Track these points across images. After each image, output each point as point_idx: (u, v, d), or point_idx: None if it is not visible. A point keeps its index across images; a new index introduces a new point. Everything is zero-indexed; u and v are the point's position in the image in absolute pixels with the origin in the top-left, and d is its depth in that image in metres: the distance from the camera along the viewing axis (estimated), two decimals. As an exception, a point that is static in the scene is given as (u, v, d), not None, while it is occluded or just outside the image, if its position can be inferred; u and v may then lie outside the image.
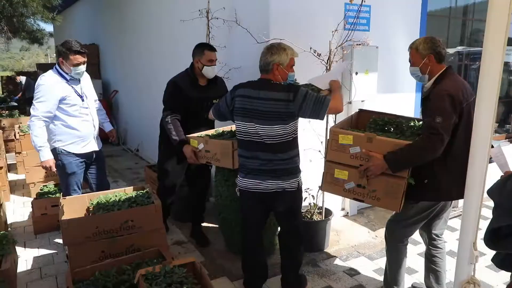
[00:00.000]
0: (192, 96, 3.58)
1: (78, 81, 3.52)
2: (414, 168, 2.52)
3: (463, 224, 1.46)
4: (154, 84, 6.54)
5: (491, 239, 1.68)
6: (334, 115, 3.69)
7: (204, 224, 4.16)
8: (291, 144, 2.72)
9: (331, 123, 3.70)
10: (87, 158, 3.61)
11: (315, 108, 2.57)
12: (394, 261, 2.91)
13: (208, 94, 3.64)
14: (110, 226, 3.06)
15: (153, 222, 3.20)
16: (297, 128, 2.75)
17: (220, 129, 3.66)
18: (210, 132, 3.62)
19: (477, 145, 1.38)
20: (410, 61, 2.71)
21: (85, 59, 3.46)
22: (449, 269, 2.98)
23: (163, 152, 3.90)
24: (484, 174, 1.38)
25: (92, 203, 3.33)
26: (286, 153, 2.70)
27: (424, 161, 2.44)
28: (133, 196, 3.43)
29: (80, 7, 11.49)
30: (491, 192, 1.68)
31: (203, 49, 3.54)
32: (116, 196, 3.44)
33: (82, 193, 3.59)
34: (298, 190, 2.84)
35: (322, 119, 2.65)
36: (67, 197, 3.41)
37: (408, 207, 2.65)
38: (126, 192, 3.56)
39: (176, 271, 2.55)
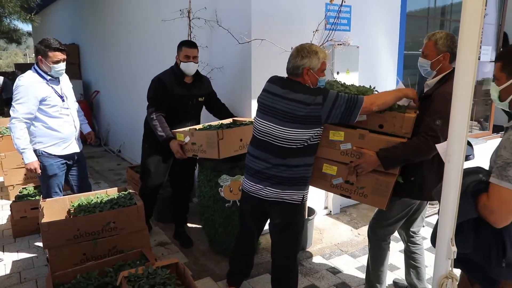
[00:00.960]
0: (176, 92, 3.56)
1: (57, 81, 3.46)
2: (404, 166, 2.51)
3: (440, 221, 1.49)
4: (136, 84, 6.49)
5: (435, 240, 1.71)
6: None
7: (187, 225, 4.15)
8: (306, 151, 2.51)
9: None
10: (68, 160, 3.56)
11: (348, 106, 2.37)
12: (377, 259, 2.91)
13: (193, 92, 3.64)
14: (91, 228, 3.03)
15: (136, 223, 3.18)
16: (317, 136, 2.52)
17: (207, 124, 3.66)
18: (197, 127, 3.61)
19: (453, 142, 1.41)
20: (422, 52, 2.59)
21: (65, 57, 3.40)
22: (429, 265, 3.03)
23: (147, 152, 3.87)
24: (460, 171, 1.41)
25: (73, 205, 3.29)
26: (299, 158, 2.49)
27: (417, 161, 2.44)
28: (115, 197, 3.41)
29: (60, 6, 11.32)
30: (436, 193, 1.70)
31: (181, 45, 3.55)
32: (97, 197, 3.41)
33: (64, 195, 3.54)
34: (301, 204, 2.61)
35: (355, 120, 2.42)
36: (47, 199, 3.36)
37: (391, 206, 2.65)
38: (108, 193, 3.53)
39: (159, 272, 2.53)
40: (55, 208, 3.27)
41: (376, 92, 2.70)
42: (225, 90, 4.08)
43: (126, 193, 3.50)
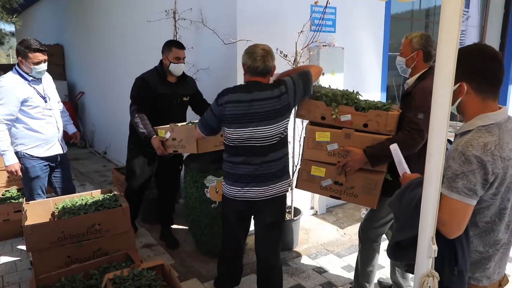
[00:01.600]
0: (160, 91, 3.56)
1: (39, 81, 3.42)
2: (391, 163, 2.55)
3: (421, 220, 1.50)
4: (122, 85, 6.44)
5: (393, 251, 1.71)
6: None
7: (173, 226, 4.14)
8: (283, 142, 2.65)
9: (298, 124, 3.75)
10: (51, 162, 3.53)
11: (305, 82, 2.60)
12: (367, 260, 2.92)
13: (177, 91, 3.64)
14: (76, 231, 3.00)
15: (121, 225, 3.16)
16: (287, 125, 2.67)
17: (190, 122, 3.66)
18: (179, 124, 3.60)
19: (433, 141, 1.43)
20: (400, 50, 2.71)
21: (46, 57, 3.36)
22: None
23: (132, 152, 3.85)
24: (440, 170, 1.43)
25: (57, 208, 3.26)
26: (279, 151, 2.61)
27: (403, 155, 2.48)
28: (100, 199, 3.38)
29: (44, 5, 11.18)
30: (391, 204, 1.72)
31: (171, 46, 3.53)
32: (82, 199, 3.38)
33: (47, 198, 3.51)
34: (286, 193, 2.74)
35: (311, 92, 2.68)
36: (31, 201, 3.32)
37: (382, 206, 2.68)
38: (93, 195, 3.50)
39: (145, 274, 2.52)
40: (38, 211, 3.24)
41: (360, 97, 2.77)
42: (210, 91, 4.05)
43: (111, 194, 3.48)
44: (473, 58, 1.59)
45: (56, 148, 3.52)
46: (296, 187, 2.90)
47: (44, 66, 3.34)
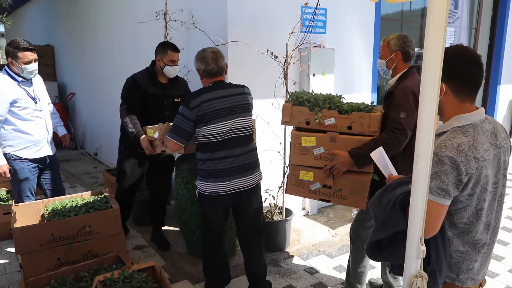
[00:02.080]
0: (151, 92, 3.55)
1: (30, 83, 3.40)
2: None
3: (410, 221, 1.52)
4: (112, 86, 6.40)
5: (372, 250, 1.73)
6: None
7: (165, 228, 4.13)
8: (252, 136, 2.88)
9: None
10: (40, 163, 3.50)
11: None
12: (359, 260, 2.93)
13: (168, 92, 3.64)
14: (66, 233, 2.99)
15: (112, 227, 3.14)
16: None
17: None
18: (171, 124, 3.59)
19: (421, 142, 1.44)
20: (379, 53, 2.79)
21: (36, 56, 3.34)
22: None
23: (123, 153, 3.84)
24: (428, 171, 1.44)
25: (47, 210, 3.24)
26: (252, 143, 2.87)
27: (388, 155, 2.50)
28: (91, 201, 3.37)
29: (34, 6, 11.09)
30: (371, 204, 1.74)
31: (167, 49, 3.53)
32: (72, 201, 3.36)
33: (37, 200, 3.48)
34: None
35: None
36: (20, 204, 3.29)
37: None
38: (83, 197, 3.48)
39: (136, 276, 2.52)
40: (28, 213, 3.21)
41: (343, 100, 2.81)
42: (202, 92, 4.07)
43: (102, 196, 3.46)
44: (453, 60, 1.60)
45: (45, 150, 3.50)
46: (286, 192, 2.94)
47: (34, 65, 3.32)
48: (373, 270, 3.46)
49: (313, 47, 3.96)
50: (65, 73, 9.28)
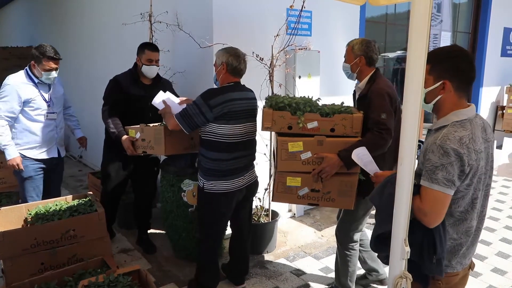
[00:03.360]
0: (133, 93, 3.55)
1: (47, 86, 3.50)
2: None
3: (394, 222, 1.53)
4: (97, 88, 6.32)
5: (375, 244, 1.79)
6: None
7: (150, 231, 4.10)
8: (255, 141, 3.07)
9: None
10: (46, 165, 3.56)
11: None
12: (349, 260, 2.95)
13: (151, 93, 3.60)
14: (50, 237, 2.94)
15: (97, 230, 3.10)
16: None
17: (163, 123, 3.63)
18: (151, 124, 3.57)
19: (405, 145, 1.46)
20: (344, 57, 2.87)
21: (58, 66, 3.46)
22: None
23: (107, 156, 3.81)
24: (412, 172, 1.46)
25: (30, 214, 3.18)
26: (255, 148, 3.06)
27: (375, 155, 2.52)
28: (75, 204, 3.32)
29: (18, 6, 10.93)
30: (372, 197, 1.79)
31: (144, 48, 3.53)
32: (56, 205, 3.31)
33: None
34: None
35: None
36: (2, 208, 3.23)
37: (357, 206, 2.75)
38: (67, 200, 3.43)
39: (121, 279, 2.49)
40: (10, 217, 3.16)
41: (320, 102, 2.83)
42: (187, 94, 4.04)
43: (86, 199, 3.42)
44: (456, 58, 1.68)
45: (51, 152, 3.58)
46: (272, 200, 2.88)
47: (54, 74, 3.45)
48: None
49: (299, 49, 3.98)
50: (48, 75, 9.15)
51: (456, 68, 1.68)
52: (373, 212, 2.42)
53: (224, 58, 2.81)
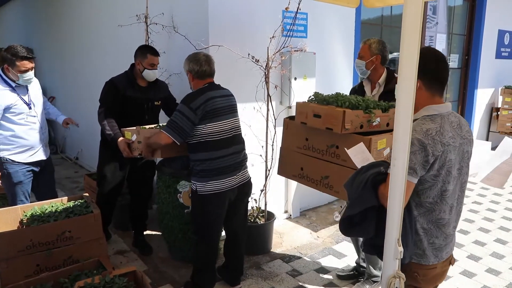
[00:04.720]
0: (129, 95, 3.55)
1: (25, 88, 3.39)
2: None
3: (388, 222, 1.55)
4: (93, 90, 6.32)
5: (344, 226, 1.90)
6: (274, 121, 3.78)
7: (147, 232, 4.10)
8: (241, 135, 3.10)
9: (271, 128, 3.79)
10: (35, 167, 3.52)
11: None
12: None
13: (148, 95, 3.63)
14: (45, 238, 2.94)
15: (92, 232, 3.11)
16: None
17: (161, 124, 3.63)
18: (147, 126, 3.57)
19: (397, 145, 1.47)
20: (359, 54, 3.00)
21: (33, 65, 3.33)
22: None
23: (103, 157, 3.81)
24: (405, 173, 1.48)
25: (25, 215, 3.18)
26: (243, 144, 3.08)
27: None
28: (71, 206, 3.32)
29: (13, 7, 10.90)
30: (345, 185, 1.89)
31: (146, 53, 3.52)
32: (52, 206, 3.31)
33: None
34: None
35: None
36: (-2, 209, 3.24)
37: None
38: (63, 202, 3.43)
39: (117, 281, 2.49)
40: (6, 219, 3.16)
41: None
42: (183, 96, 4.04)
43: (82, 201, 3.42)
44: (425, 59, 1.73)
45: (39, 154, 3.51)
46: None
47: (31, 74, 3.32)
48: (345, 258, 3.54)
49: (294, 51, 3.99)
50: (44, 76, 9.12)
51: (425, 68, 1.75)
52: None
53: (187, 66, 2.94)
